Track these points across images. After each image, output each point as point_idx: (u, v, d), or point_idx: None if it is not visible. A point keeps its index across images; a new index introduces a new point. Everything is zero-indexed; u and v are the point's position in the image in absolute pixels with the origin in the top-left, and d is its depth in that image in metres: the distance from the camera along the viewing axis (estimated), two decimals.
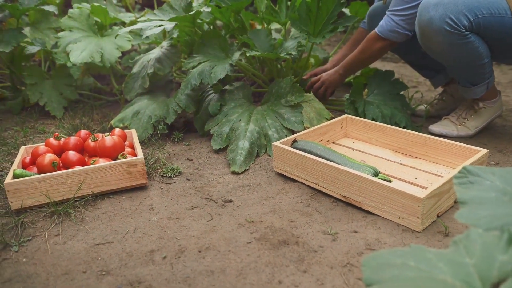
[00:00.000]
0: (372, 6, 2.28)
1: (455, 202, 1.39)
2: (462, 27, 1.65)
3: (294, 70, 2.46)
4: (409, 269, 0.63)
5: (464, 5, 1.64)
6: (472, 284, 0.58)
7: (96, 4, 2.48)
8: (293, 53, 2.07)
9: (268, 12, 2.37)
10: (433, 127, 2.00)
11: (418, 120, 2.21)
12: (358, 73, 2.75)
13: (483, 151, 1.50)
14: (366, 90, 2.20)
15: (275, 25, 3.01)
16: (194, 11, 2.04)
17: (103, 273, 1.15)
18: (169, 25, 2.06)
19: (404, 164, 1.66)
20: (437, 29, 1.68)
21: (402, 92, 2.17)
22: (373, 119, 1.99)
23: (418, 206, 1.22)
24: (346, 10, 2.91)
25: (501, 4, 1.66)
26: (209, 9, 2.13)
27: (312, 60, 2.86)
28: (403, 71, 3.51)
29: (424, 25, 1.73)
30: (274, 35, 2.82)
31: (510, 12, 1.65)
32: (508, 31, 1.68)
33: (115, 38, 2.38)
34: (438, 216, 1.32)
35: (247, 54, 2.05)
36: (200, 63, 2.06)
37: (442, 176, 1.53)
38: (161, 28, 2.02)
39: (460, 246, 0.67)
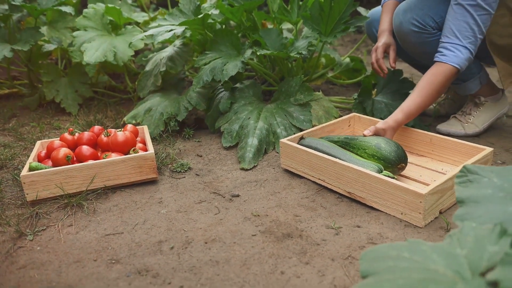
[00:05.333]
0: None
1: None
2: (429, 26, 1.82)
3: (304, 69, 2.49)
4: (404, 260, 0.66)
5: (429, 8, 1.81)
6: (462, 274, 0.61)
7: (110, 5, 2.54)
8: (304, 52, 2.10)
9: (280, 11, 2.40)
10: (441, 127, 2.01)
11: (427, 119, 2.22)
12: (368, 73, 2.76)
13: (488, 149, 1.51)
14: (375, 90, 2.22)
15: (287, 25, 3.04)
16: (202, 15, 2.08)
17: (113, 261, 1.19)
18: (179, 29, 2.12)
19: (409, 162, 1.68)
20: (406, 31, 1.86)
21: (411, 92, 2.18)
22: (381, 119, 2.01)
23: (420, 202, 1.24)
24: (362, 10, 2.91)
25: None
26: (217, 11, 2.17)
27: (323, 60, 2.89)
28: (414, 71, 3.50)
29: (396, 30, 1.92)
30: (286, 34, 2.85)
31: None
32: None
33: (129, 45, 2.42)
34: (441, 213, 1.34)
35: (258, 53, 2.09)
36: (212, 60, 2.11)
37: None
38: (171, 33, 2.09)
39: (454, 239, 0.69)
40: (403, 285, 0.55)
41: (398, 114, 1.71)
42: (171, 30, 2.12)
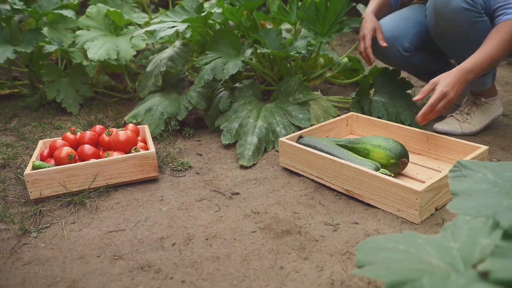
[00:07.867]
0: None
1: None
2: (479, 5, 1.72)
3: (303, 69, 2.52)
4: (399, 252, 0.69)
5: None
6: (455, 266, 0.64)
7: (111, 9, 2.56)
8: (303, 51, 2.13)
9: (280, 12, 2.43)
10: (438, 126, 2.04)
11: None
12: (366, 73, 2.79)
13: (483, 147, 1.54)
14: (373, 89, 2.25)
15: (286, 26, 3.07)
16: (205, 13, 2.11)
17: (116, 257, 1.22)
18: (181, 26, 2.14)
19: None
20: (455, 7, 1.73)
21: (408, 91, 2.21)
22: (379, 118, 2.04)
23: (416, 199, 1.27)
24: (361, 8, 2.93)
25: None
26: (220, 10, 2.19)
27: (321, 60, 2.91)
28: None
29: (441, 6, 1.78)
30: (285, 35, 2.87)
31: None
32: None
33: (130, 39, 2.46)
34: (436, 209, 1.37)
35: (258, 51, 2.11)
36: (212, 59, 2.13)
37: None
38: (173, 29, 2.11)
39: (448, 232, 0.72)
40: (398, 274, 0.58)
41: (464, 63, 1.62)
42: (174, 26, 2.14)
